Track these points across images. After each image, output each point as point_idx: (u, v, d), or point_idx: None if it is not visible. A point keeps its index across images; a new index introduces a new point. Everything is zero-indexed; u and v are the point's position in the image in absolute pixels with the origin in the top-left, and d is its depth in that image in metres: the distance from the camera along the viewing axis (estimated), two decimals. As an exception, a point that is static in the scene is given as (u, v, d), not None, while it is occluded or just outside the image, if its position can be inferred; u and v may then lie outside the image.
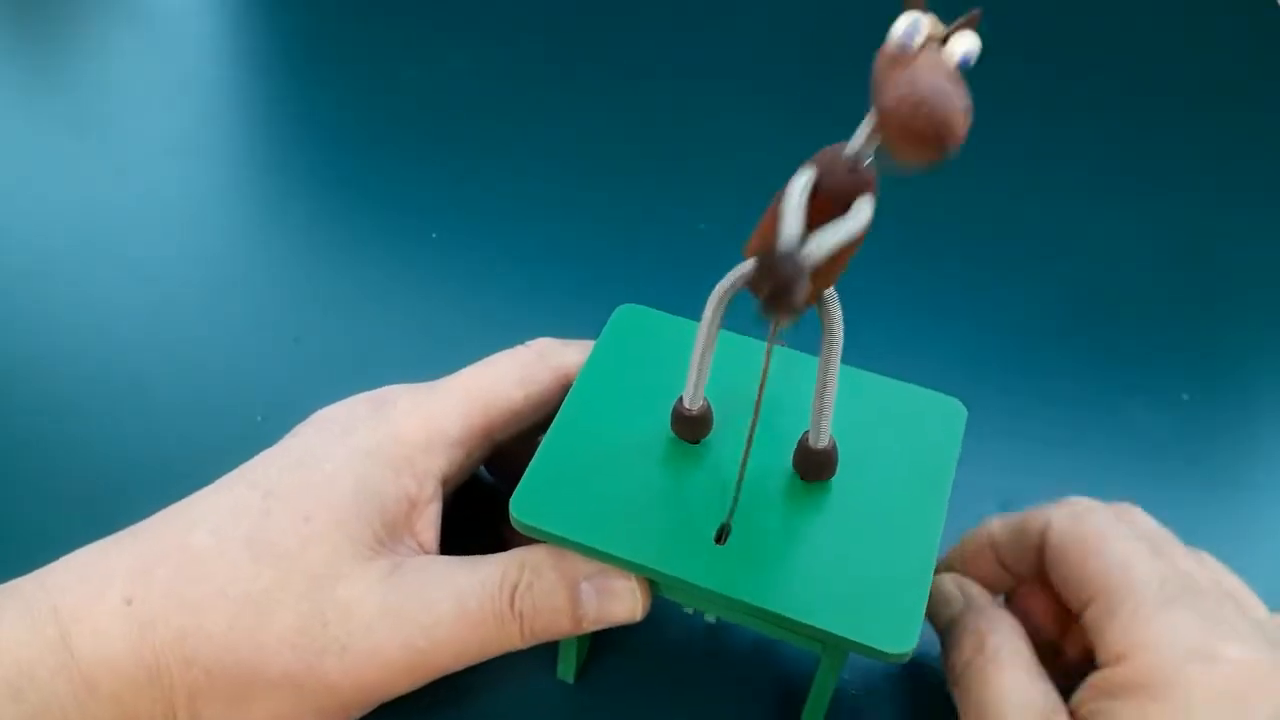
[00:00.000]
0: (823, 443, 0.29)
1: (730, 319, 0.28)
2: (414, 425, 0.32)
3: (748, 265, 0.27)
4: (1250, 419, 0.44)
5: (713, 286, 0.27)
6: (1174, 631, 0.27)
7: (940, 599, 0.32)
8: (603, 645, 0.35)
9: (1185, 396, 0.44)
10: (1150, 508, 0.41)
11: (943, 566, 0.34)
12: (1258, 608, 0.31)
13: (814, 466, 0.30)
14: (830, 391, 0.28)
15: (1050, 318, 0.47)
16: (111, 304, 0.46)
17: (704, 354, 0.29)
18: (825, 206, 0.23)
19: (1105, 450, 0.42)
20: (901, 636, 0.27)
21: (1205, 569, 0.30)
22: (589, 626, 0.30)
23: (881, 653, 0.27)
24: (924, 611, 0.28)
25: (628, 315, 0.35)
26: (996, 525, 0.33)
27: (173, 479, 0.32)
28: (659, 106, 0.58)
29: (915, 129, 0.21)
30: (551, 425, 0.31)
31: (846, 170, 0.23)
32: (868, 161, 0.24)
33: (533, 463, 0.30)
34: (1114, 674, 0.27)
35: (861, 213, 0.23)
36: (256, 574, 0.29)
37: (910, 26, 0.21)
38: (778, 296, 0.22)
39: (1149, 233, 0.51)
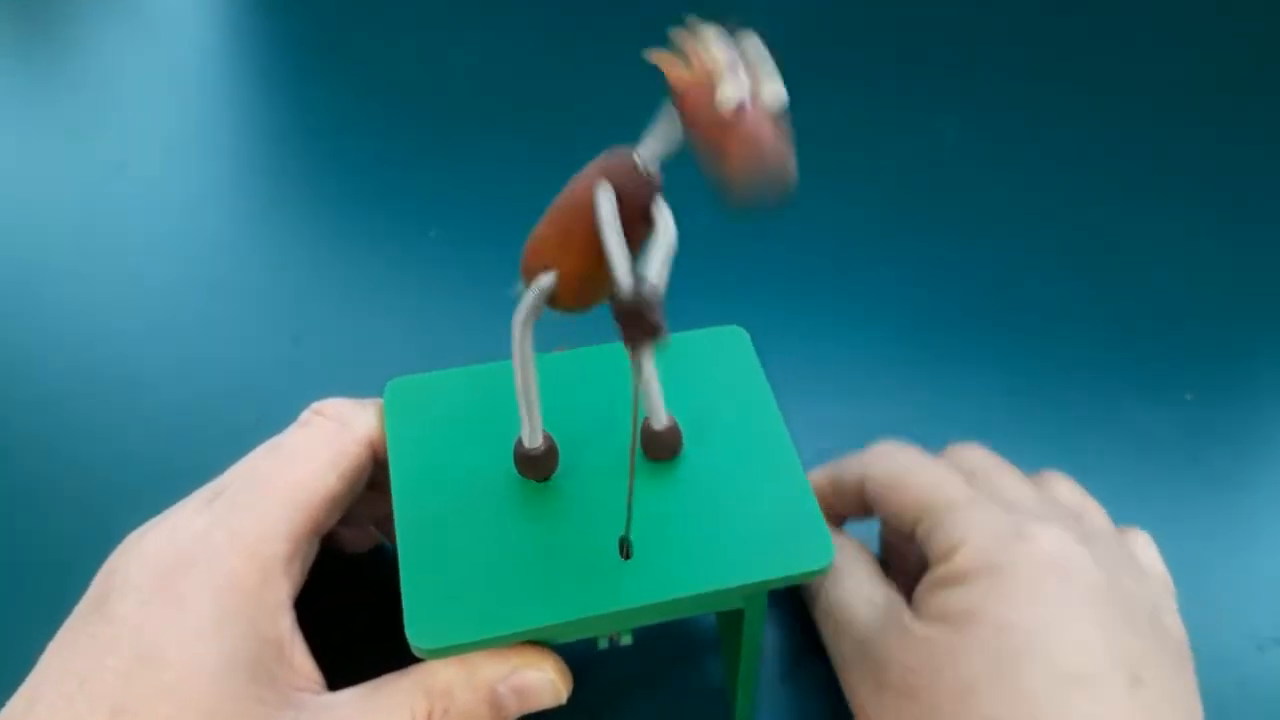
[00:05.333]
0: (664, 423, 0.30)
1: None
2: (244, 566, 0.28)
3: (540, 285, 0.26)
4: (1253, 419, 0.44)
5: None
6: (991, 522, 0.30)
7: None
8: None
9: (1188, 396, 0.44)
10: (1152, 507, 0.41)
11: None
12: (1096, 515, 0.33)
13: (666, 446, 0.30)
14: (655, 380, 0.29)
15: (1051, 318, 0.47)
16: (109, 302, 0.46)
17: (528, 389, 0.28)
18: (623, 216, 0.24)
19: (1107, 450, 0.42)
20: (820, 551, 0.29)
21: (1041, 489, 0.33)
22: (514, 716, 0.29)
23: (812, 573, 0.28)
24: (824, 519, 0.29)
25: (401, 389, 0.32)
26: (820, 479, 0.35)
27: (171, 478, 0.31)
28: (660, 103, 0.57)
29: (759, 181, 0.22)
30: (397, 537, 0.29)
31: (643, 181, 0.24)
32: (657, 168, 0.25)
33: (403, 586, 0.28)
34: (946, 568, 0.30)
35: (667, 222, 0.25)
36: None
37: (743, 92, 0.23)
38: (653, 335, 0.23)
39: (1152, 232, 0.51)
